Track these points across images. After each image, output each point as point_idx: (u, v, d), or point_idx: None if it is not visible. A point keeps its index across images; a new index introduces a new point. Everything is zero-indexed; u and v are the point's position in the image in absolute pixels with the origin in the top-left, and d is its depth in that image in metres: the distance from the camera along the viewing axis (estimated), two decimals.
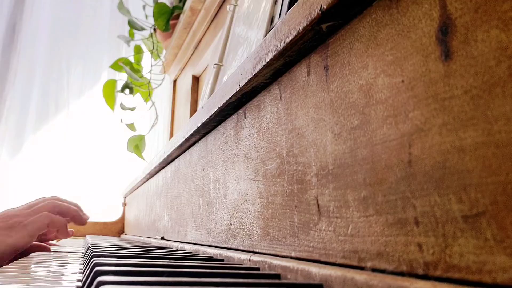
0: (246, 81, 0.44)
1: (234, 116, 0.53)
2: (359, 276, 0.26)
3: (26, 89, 2.42)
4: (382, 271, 0.26)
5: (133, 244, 0.94)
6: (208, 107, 0.59)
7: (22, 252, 1.02)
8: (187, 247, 0.69)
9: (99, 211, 2.06)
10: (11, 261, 0.89)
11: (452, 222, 0.21)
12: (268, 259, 0.39)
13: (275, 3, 0.71)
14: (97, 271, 0.32)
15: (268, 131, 0.43)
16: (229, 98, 0.50)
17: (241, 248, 0.48)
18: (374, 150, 0.27)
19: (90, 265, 0.39)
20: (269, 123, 0.43)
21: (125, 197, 1.77)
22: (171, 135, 1.69)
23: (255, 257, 0.42)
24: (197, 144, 0.71)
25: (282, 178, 0.39)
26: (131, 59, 1.85)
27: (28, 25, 2.47)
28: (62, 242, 1.25)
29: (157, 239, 0.99)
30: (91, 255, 0.50)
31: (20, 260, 0.61)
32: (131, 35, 1.90)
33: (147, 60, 1.91)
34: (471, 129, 0.20)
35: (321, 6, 0.31)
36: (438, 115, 0.22)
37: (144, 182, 1.30)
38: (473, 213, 0.20)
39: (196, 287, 0.29)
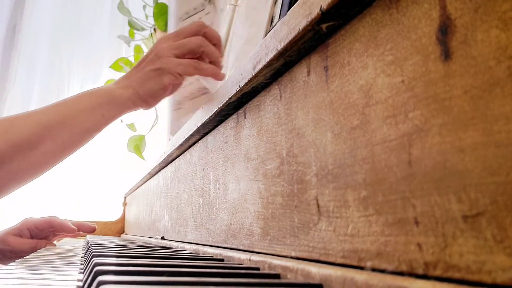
0: (246, 81, 0.44)
1: (234, 116, 0.53)
2: (359, 276, 0.26)
3: (26, 89, 2.42)
4: (382, 271, 0.26)
5: (133, 244, 0.94)
6: (208, 107, 0.59)
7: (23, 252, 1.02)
8: (187, 247, 0.69)
9: (99, 210, 2.06)
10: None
11: (452, 222, 0.21)
12: (268, 259, 0.39)
13: (275, 3, 0.71)
14: (97, 271, 0.32)
15: (268, 131, 0.43)
16: (229, 98, 0.50)
17: (241, 248, 0.48)
18: (374, 150, 0.27)
19: (90, 265, 0.39)
20: (269, 123, 0.43)
21: (125, 197, 1.77)
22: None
23: (255, 257, 0.42)
24: (197, 144, 0.71)
25: (282, 178, 0.39)
26: (131, 59, 1.85)
27: (28, 25, 2.47)
28: (62, 242, 1.25)
29: (157, 239, 0.99)
30: (91, 255, 0.50)
31: (20, 260, 0.61)
32: (131, 35, 1.90)
33: None
34: (471, 129, 0.20)
35: (321, 6, 0.31)
36: (438, 115, 0.22)
37: (144, 182, 1.30)
38: (473, 213, 0.20)
39: (196, 287, 0.29)
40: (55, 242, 1.16)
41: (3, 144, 0.67)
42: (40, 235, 1.10)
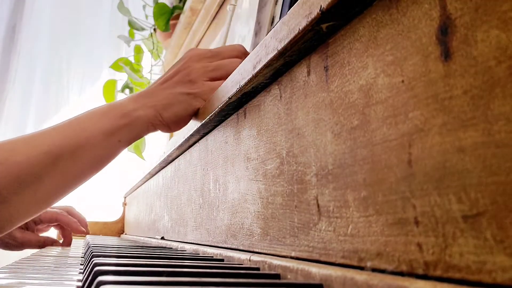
0: (246, 81, 0.44)
1: (234, 116, 0.53)
2: (359, 276, 0.26)
3: (26, 90, 2.42)
4: (382, 271, 0.26)
5: (133, 244, 0.94)
6: (207, 107, 0.59)
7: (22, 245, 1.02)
8: (187, 247, 0.69)
9: (99, 210, 2.06)
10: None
11: (452, 222, 0.21)
12: (268, 259, 0.39)
13: (276, 3, 0.71)
14: (97, 271, 0.32)
15: (268, 131, 0.43)
16: (229, 98, 0.50)
17: (241, 248, 0.48)
18: (374, 150, 0.27)
19: (90, 265, 0.39)
20: (269, 123, 0.43)
21: (125, 197, 1.77)
22: (171, 135, 1.69)
23: (255, 257, 0.42)
24: (197, 144, 0.71)
25: (282, 178, 0.39)
26: (131, 59, 1.86)
27: (28, 25, 2.47)
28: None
29: (157, 239, 0.99)
30: (91, 255, 0.50)
31: (19, 260, 0.61)
32: (131, 35, 1.90)
33: (147, 60, 1.92)
34: (471, 129, 0.20)
35: (321, 6, 0.31)
36: (438, 115, 0.22)
37: (144, 182, 1.30)
38: (473, 213, 0.20)
39: (196, 287, 0.29)
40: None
41: (0, 176, 0.55)
42: (43, 226, 1.11)
